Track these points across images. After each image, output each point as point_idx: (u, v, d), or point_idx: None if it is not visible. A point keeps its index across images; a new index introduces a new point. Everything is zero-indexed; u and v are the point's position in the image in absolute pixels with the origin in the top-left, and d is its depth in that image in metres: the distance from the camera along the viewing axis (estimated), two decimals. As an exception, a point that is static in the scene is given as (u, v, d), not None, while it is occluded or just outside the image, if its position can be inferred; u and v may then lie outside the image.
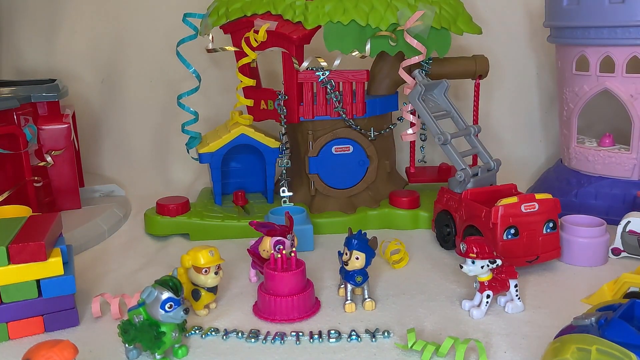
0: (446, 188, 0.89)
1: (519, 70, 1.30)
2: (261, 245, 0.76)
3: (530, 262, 0.79)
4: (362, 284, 0.71)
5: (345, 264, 0.69)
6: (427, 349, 0.59)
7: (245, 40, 0.94)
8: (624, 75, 0.93)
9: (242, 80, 0.98)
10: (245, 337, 0.65)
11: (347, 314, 0.70)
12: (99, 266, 0.86)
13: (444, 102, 0.92)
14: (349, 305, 0.70)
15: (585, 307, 0.69)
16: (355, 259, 0.69)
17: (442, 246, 0.90)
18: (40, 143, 0.98)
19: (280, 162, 0.97)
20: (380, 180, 1.01)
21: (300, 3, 0.92)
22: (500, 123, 1.31)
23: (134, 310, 0.60)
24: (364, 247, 0.69)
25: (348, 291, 0.71)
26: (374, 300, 0.71)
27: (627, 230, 0.83)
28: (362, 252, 0.69)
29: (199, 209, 0.99)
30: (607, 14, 0.91)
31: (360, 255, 0.69)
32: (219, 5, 0.98)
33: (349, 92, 0.95)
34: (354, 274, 0.70)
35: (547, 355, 0.49)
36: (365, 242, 0.69)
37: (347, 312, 0.70)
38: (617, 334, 0.48)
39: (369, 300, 0.71)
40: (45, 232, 0.66)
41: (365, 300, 0.71)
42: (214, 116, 1.21)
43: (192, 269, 0.69)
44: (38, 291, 0.65)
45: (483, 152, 0.90)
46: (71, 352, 0.49)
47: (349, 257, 0.69)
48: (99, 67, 1.29)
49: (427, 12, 0.89)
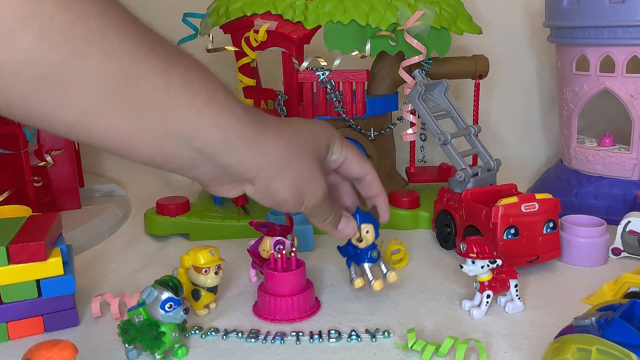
0: (446, 188, 0.89)
1: (519, 70, 1.30)
2: (261, 245, 0.76)
3: (530, 262, 0.79)
4: (378, 259, 0.70)
5: (359, 240, 0.68)
6: (427, 349, 0.59)
7: (245, 40, 0.94)
8: (624, 75, 0.93)
9: (242, 80, 0.98)
10: (245, 337, 0.65)
11: (347, 314, 0.70)
12: (99, 266, 0.86)
13: (444, 102, 0.92)
14: (377, 283, 0.69)
15: (585, 307, 0.69)
16: (366, 233, 0.68)
17: (442, 246, 0.90)
18: (40, 143, 0.98)
19: (280, 162, 0.97)
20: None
21: (300, 3, 0.92)
22: (500, 123, 1.31)
23: (134, 310, 0.60)
24: (369, 218, 0.69)
25: (368, 272, 0.70)
26: (395, 271, 0.71)
27: (627, 230, 0.83)
28: (370, 224, 0.68)
29: (199, 209, 0.99)
30: (607, 14, 0.91)
31: (369, 227, 0.68)
32: (219, 5, 0.98)
33: (349, 92, 0.95)
34: (368, 250, 0.69)
35: (547, 355, 0.49)
36: (368, 213, 0.69)
37: (376, 289, 0.69)
38: (617, 334, 0.48)
39: (391, 272, 0.70)
40: (45, 232, 0.66)
41: (388, 272, 0.70)
42: (214, 116, 1.20)
43: (192, 268, 0.69)
44: (38, 291, 0.65)
45: (483, 152, 0.90)
46: (71, 352, 0.49)
47: (359, 233, 0.68)
48: (99, 67, 1.28)
49: (427, 12, 0.89)
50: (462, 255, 0.68)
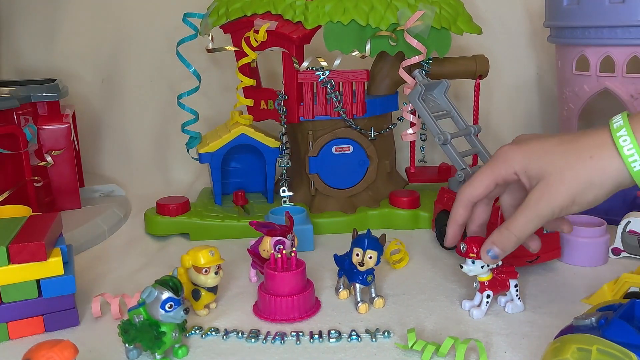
0: (446, 188, 0.89)
1: (519, 70, 1.30)
2: (261, 245, 0.76)
3: (530, 262, 0.79)
4: (371, 283, 0.71)
5: (361, 264, 0.69)
6: (427, 349, 0.59)
7: (245, 40, 0.94)
8: (624, 75, 0.93)
9: (242, 80, 0.98)
10: (245, 337, 0.65)
11: (347, 314, 0.70)
12: (99, 266, 0.86)
13: (444, 102, 0.92)
14: (363, 306, 0.70)
15: (585, 307, 0.69)
16: (369, 258, 0.69)
17: (442, 246, 0.90)
18: (40, 143, 0.98)
19: (280, 162, 0.97)
20: (380, 180, 1.01)
21: (300, 3, 0.92)
22: (500, 123, 1.31)
23: (134, 310, 0.60)
24: (376, 245, 0.69)
25: (358, 292, 0.71)
26: (382, 297, 0.71)
27: (627, 230, 0.83)
28: (375, 251, 0.69)
29: (199, 209, 0.99)
30: (607, 14, 0.91)
31: (373, 254, 0.69)
32: (219, 5, 0.98)
33: (349, 92, 0.95)
34: (365, 273, 0.70)
35: (547, 355, 0.49)
36: (376, 239, 0.70)
37: (361, 313, 0.70)
38: (617, 334, 0.48)
39: (379, 298, 0.71)
40: (45, 232, 0.66)
41: (376, 298, 0.71)
42: (214, 116, 1.21)
43: (192, 268, 0.69)
44: (38, 291, 0.65)
45: (483, 152, 0.90)
46: (71, 352, 0.49)
47: (362, 257, 0.69)
48: (99, 67, 1.29)
49: (427, 12, 0.89)
50: (462, 255, 0.68)
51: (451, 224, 0.70)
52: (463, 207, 0.69)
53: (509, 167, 0.64)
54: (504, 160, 0.65)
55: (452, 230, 0.70)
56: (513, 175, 0.64)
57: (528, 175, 0.63)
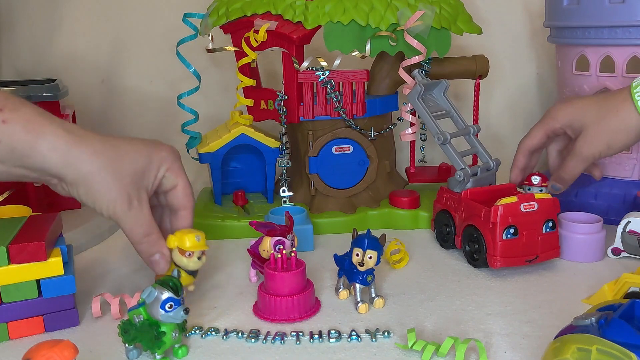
0: (446, 188, 0.89)
1: (519, 70, 1.30)
2: (261, 245, 0.76)
3: (529, 262, 0.79)
4: (371, 283, 0.71)
5: (361, 264, 0.69)
6: (427, 349, 0.59)
7: (245, 40, 0.94)
8: (624, 76, 0.93)
9: (242, 80, 0.98)
10: (245, 337, 0.65)
11: (347, 314, 0.70)
12: (99, 266, 0.86)
13: (443, 101, 0.92)
14: (363, 306, 0.70)
15: (585, 307, 0.69)
16: (369, 259, 0.69)
17: (442, 246, 0.90)
18: (40, 143, 0.97)
19: (280, 162, 0.97)
20: (380, 180, 1.01)
21: (300, 3, 0.92)
22: (500, 123, 1.31)
23: (134, 310, 0.60)
24: (376, 245, 0.69)
25: (358, 292, 0.71)
26: (382, 297, 0.72)
27: (627, 230, 0.83)
28: (375, 251, 0.69)
29: (199, 209, 0.99)
30: (607, 14, 0.91)
31: (373, 254, 0.69)
32: (219, 5, 0.98)
33: (349, 92, 0.95)
34: (365, 273, 0.70)
35: (547, 355, 0.49)
36: (376, 239, 0.70)
37: (361, 313, 0.70)
38: (617, 334, 0.48)
39: (379, 298, 0.71)
40: (45, 232, 0.66)
41: (375, 298, 0.71)
42: (214, 116, 1.21)
43: (177, 250, 0.69)
44: (38, 291, 0.65)
45: (483, 152, 0.90)
46: (71, 352, 0.49)
47: (362, 257, 0.69)
48: (99, 67, 1.29)
49: (427, 12, 0.89)
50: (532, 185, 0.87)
51: (514, 169, 0.90)
52: (522, 155, 0.89)
53: (556, 122, 0.85)
54: (553, 117, 0.86)
55: (514, 174, 0.90)
56: (559, 129, 0.85)
57: (572, 128, 0.83)
